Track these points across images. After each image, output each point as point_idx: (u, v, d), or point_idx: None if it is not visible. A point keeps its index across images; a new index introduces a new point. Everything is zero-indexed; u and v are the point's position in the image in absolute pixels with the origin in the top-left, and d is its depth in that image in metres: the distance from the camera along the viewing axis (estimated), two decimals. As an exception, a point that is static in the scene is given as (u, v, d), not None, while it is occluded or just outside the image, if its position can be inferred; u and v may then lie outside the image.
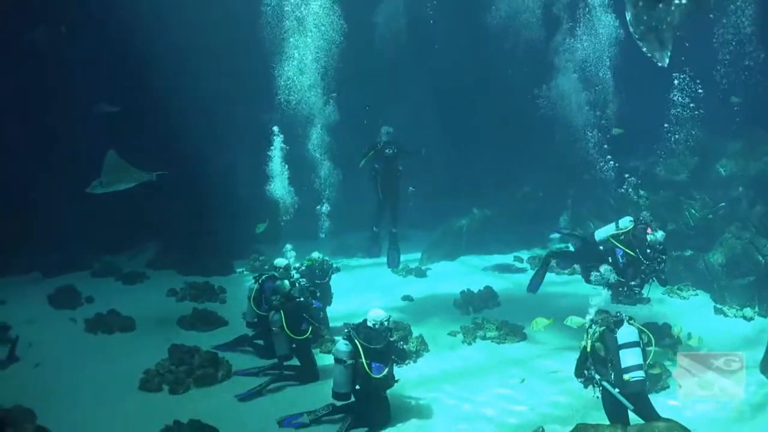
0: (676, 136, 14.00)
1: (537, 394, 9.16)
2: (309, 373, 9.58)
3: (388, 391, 8.24)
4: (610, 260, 10.03)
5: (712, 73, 13.95)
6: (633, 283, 10.04)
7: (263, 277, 10.52)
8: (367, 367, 7.75)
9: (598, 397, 7.52)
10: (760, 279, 12.93)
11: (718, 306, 13.09)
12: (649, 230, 9.89)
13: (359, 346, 7.80)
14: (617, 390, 7.21)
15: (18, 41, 15.76)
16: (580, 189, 19.02)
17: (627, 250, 9.86)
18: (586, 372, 7.62)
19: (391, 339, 8.26)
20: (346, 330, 8.09)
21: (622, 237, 10.04)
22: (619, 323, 7.44)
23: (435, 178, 15.01)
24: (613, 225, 10.24)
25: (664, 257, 9.87)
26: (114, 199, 14.97)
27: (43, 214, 15.64)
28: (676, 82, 13.47)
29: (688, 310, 13.20)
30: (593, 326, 7.66)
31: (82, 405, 8.63)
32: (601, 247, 10.26)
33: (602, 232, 10.28)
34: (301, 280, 9.98)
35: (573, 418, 8.10)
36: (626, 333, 7.29)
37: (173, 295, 13.92)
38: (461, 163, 19.40)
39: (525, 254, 18.60)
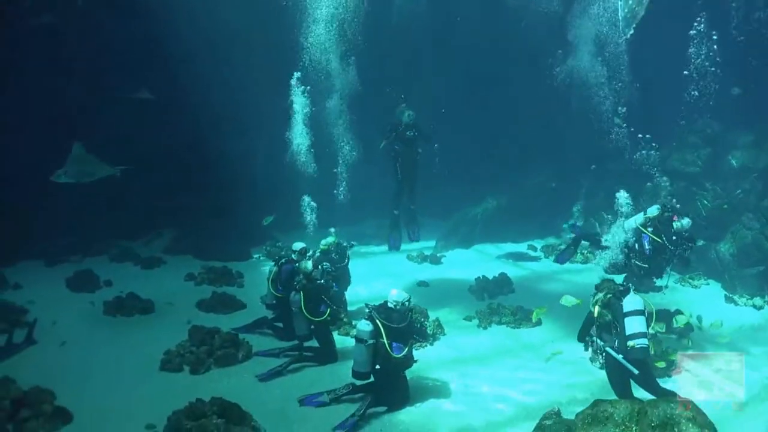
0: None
1: (553, 377, 9.28)
2: (328, 354, 9.69)
3: (406, 372, 8.36)
4: (637, 247, 10.10)
5: (723, 67, 14.06)
6: (645, 265, 10.11)
7: (282, 260, 10.63)
8: (388, 347, 7.85)
9: (601, 362, 7.65)
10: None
11: (729, 295, 13.29)
12: (675, 217, 9.97)
13: (381, 326, 7.90)
14: (621, 356, 7.39)
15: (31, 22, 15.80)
16: (593, 180, 19.12)
17: (654, 237, 9.92)
18: (587, 338, 7.97)
19: (412, 319, 8.35)
20: (367, 310, 8.18)
21: (650, 224, 10.09)
22: (625, 292, 7.71)
23: (450, 165, 14.98)
24: (641, 214, 10.29)
25: (690, 244, 9.91)
26: (129, 186, 15.28)
27: (59, 200, 15.48)
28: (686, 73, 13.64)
29: (700, 299, 13.37)
30: (599, 293, 7.92)
31: (103, 385, 8.70)
32: (630, 236, 10.28)
33: (631, 222, 10.32)
34: (325, 264, 10.07)
35: (588, 401, 8.17)
36: (632, 301, 7.56)
37: (191, 280, 14.03)
38: (476, 151, 19.37)
39: (539, 243, 18.73)
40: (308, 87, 13.06)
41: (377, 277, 14.65)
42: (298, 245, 10.62)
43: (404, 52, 19.06)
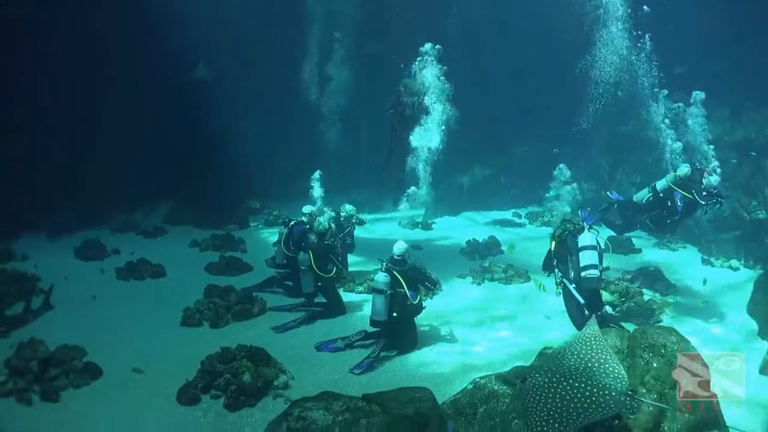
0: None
1: (546, 324, 10.11)
2: (336, 308, 10.42)
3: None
4: (669, 204, 10.89)
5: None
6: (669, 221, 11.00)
7: (292, 222, 11.26)
8: (408, 295, 8.61)
9: (559, 293, 8.70)
10: (745, 234, 13.92)
11: (705, 257, 14.10)
12: (705, 174, 10.73)
13: (399, 276, 8.61)
14: (573, 286, 8.41)
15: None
16: (574, 149, 19.81)
17: (685, 193, 10.68)
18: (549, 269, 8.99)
19: (416, 265, 9.11)
20: (383, 263, 8.88)
21: (680, 182, 10.84)
22: (580, 230, 8.68)
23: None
24: (672, 173, 11.04)
25: (720, 199, 10.65)
26: (127, 159, 15.68)
27: (58, 174, 15.89)
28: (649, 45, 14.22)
29: (678, 260, 14.25)
30: (558, 230, 8.98)
31: (128, 341, 9.13)
32: (661, 195, 11.05)
33: (662, 183, 11.07)
34: (332, 226, 10.79)
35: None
36: (586, 238, 8.53)
37: (196, 246, 14.57)
38: (463, 120, 19.94)
39: (523, 210, 19.53)
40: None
41: (371, 242, 15.26)
42: (307, 208, 11.27)
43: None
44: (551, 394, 4.83)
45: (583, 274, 8.34)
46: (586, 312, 8.49)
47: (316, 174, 12.44)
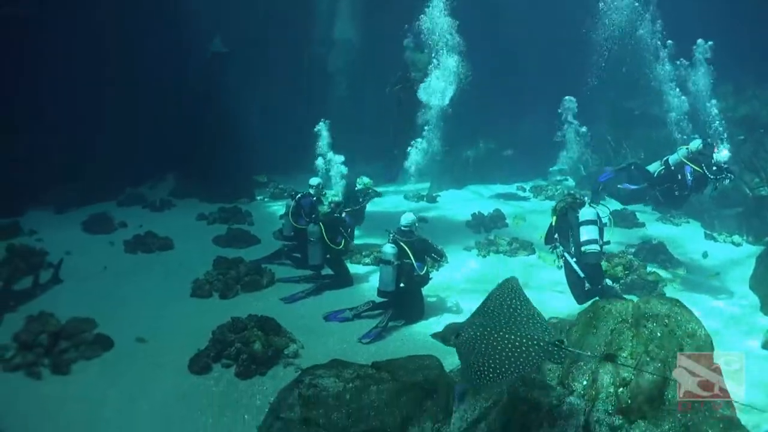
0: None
1: (554, 296, 10.13)
2: (343, 280, 10.56)
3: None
4: (679, 177, 10.96)
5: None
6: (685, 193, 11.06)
7: (299, 194, 11.35)
8: (414, 266, 8.75)
9: (561, 266, 8.79)
10: (748, 210, 14.05)
11: (708, 232, 14.22)
12: (716, 149, 10.81)
13: (406, 248, 8.74)
14: (574, 260, 8.49)
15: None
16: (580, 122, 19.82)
17: (695, 167, 10.76)
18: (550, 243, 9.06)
19: (422, 237, 9.25)
20: (390, 234, 9.00)
21: (692, 156, 10.91)
22: (581, 204, 8.77)
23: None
24: (684, 148, 11.10)
25: (729, 174, 10.73)
26: (133, 132, 15.72)
27: (63, 148, 15.89)
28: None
29: (681, 235, 14.40)
30: (559, 204, 9.07)
31: (139, 312, 9.25)
32: (673, 168, 11.11)
33: (674, 157, 11.14)
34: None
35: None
36: (586, 212, 8.63)
37: (203, 219, 14.67)
38: (469, 95, 19.93)
39: (527, 184, 19.60)
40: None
41: (377, 215, 15.25)
42: (314, 180, 11.37)
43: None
44: (484, 346, 4.94)
45: (583, 248, 8.45)
46: (587, 286, 8.65)
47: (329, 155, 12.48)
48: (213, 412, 6.67)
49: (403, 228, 9.01)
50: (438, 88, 13.39)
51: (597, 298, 8.01)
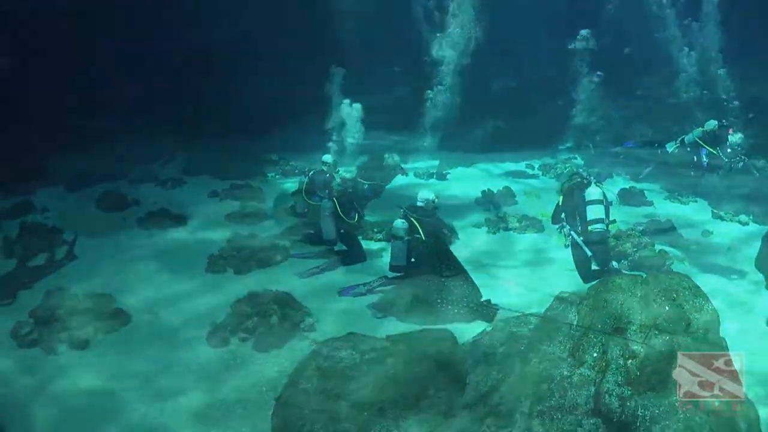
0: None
1: (562, 270, 10.19)
2: (357, 255, 10.66)
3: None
4: (695, 159, 11.12)
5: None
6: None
7: (312, 171, 11.47)
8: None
9: (567, 245, 8.94)
10: (755, 190, 14.07)
11: (716, 212, 14.25)
12: (730, 131, 10.86)
13: (416, 223, 8.88)
14: (581, 239, 8.66)
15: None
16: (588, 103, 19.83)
17: (710, 149, 10.83)
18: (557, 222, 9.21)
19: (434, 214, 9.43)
20: (402, 210, 9.14)
21: (707, 137, 11.03)
22: (588, 184, 8.86)
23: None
24: (699, 129, 11.19)
25: (743, 156, 10.87)
26: (144, 110, 15.81)
27: (70, 126, 16.07)
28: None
29: (689, 213, 14.51)
30: (565, 183, 9.20)
31: (154, 287, 9.42)
32: (688, 149, 11.28)
33: (689, 137, 11.28)
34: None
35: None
36: (592, 192, 8.81)
37: (215, 196, 14.71)
38: (479, 75, 19.94)
39: (536, 162, 19.61)
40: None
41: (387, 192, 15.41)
42: (328, 158, 11.49)
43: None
44: None
45: (589, 228, 8.63)
46: (594, 265, 8.79)
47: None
48: (232, 385, 6.83)
49: (418, 203, 9.17)
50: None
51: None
